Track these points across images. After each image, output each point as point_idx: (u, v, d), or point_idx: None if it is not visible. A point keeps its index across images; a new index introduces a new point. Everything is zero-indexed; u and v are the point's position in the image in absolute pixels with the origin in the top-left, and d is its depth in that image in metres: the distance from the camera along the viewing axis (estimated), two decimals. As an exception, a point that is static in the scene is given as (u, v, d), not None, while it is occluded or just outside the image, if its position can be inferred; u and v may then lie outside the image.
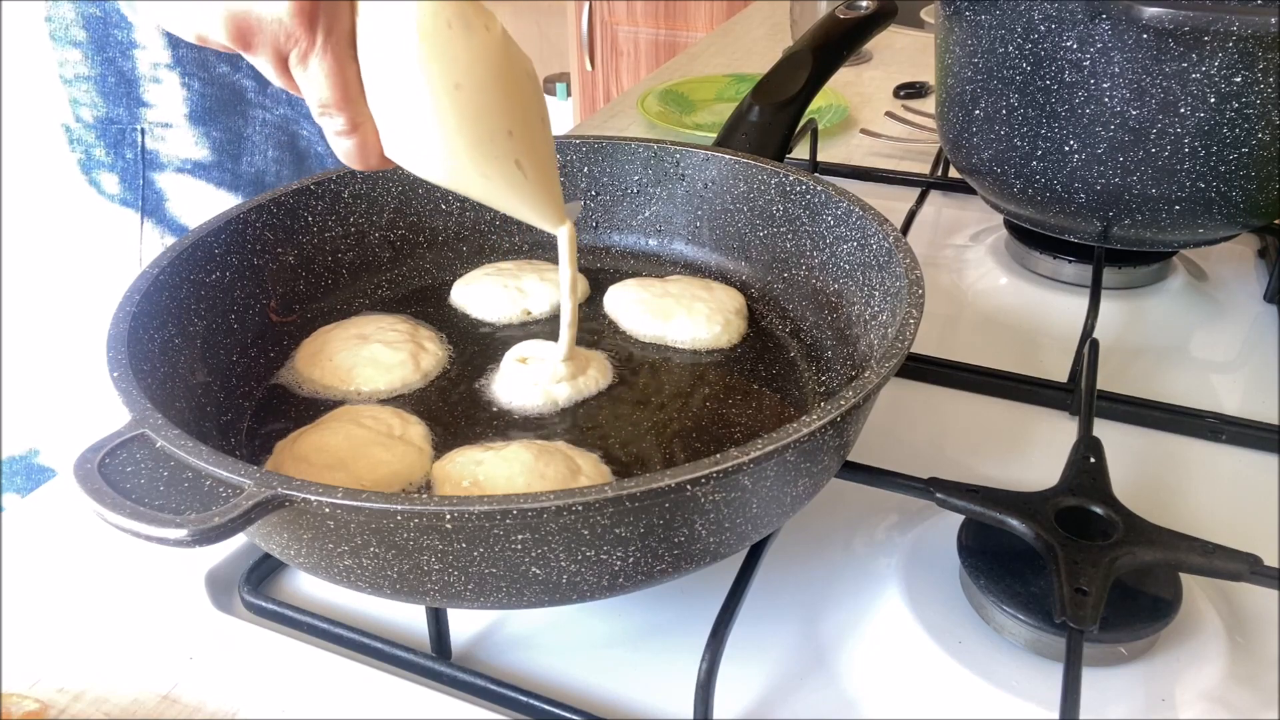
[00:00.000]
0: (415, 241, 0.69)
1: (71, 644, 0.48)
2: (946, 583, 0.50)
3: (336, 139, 0.46)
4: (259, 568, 0.51)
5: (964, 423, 0.64)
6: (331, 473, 0.48)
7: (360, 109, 0.45)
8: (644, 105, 1.14)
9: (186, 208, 0.77)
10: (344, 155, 0.47)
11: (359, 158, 0.47)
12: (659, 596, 0.51)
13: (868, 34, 0.83)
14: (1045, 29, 0.63)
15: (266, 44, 0.43)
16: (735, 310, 0.63)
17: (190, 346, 0.53)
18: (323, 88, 0.44)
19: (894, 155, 1.04)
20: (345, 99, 0.45)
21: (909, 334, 0.46)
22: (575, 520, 0.38)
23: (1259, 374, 0.68)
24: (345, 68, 0.44)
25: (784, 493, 0.43)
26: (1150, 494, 0.57)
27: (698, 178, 0.67)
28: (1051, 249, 0.78)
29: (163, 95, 0.74)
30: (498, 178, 0.46)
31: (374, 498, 0.36)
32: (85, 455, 0.38)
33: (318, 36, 0.43)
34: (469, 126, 0.44)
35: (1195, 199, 0.65)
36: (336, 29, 0.44)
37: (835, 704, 0.46)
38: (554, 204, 0.50)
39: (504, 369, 0.58)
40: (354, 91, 0.45)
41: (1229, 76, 0.59)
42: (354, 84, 0.45)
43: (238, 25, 0.43)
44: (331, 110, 0.45)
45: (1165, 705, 0.44)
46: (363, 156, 0.47)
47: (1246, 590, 0.48)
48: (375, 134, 0.46)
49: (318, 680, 0.46)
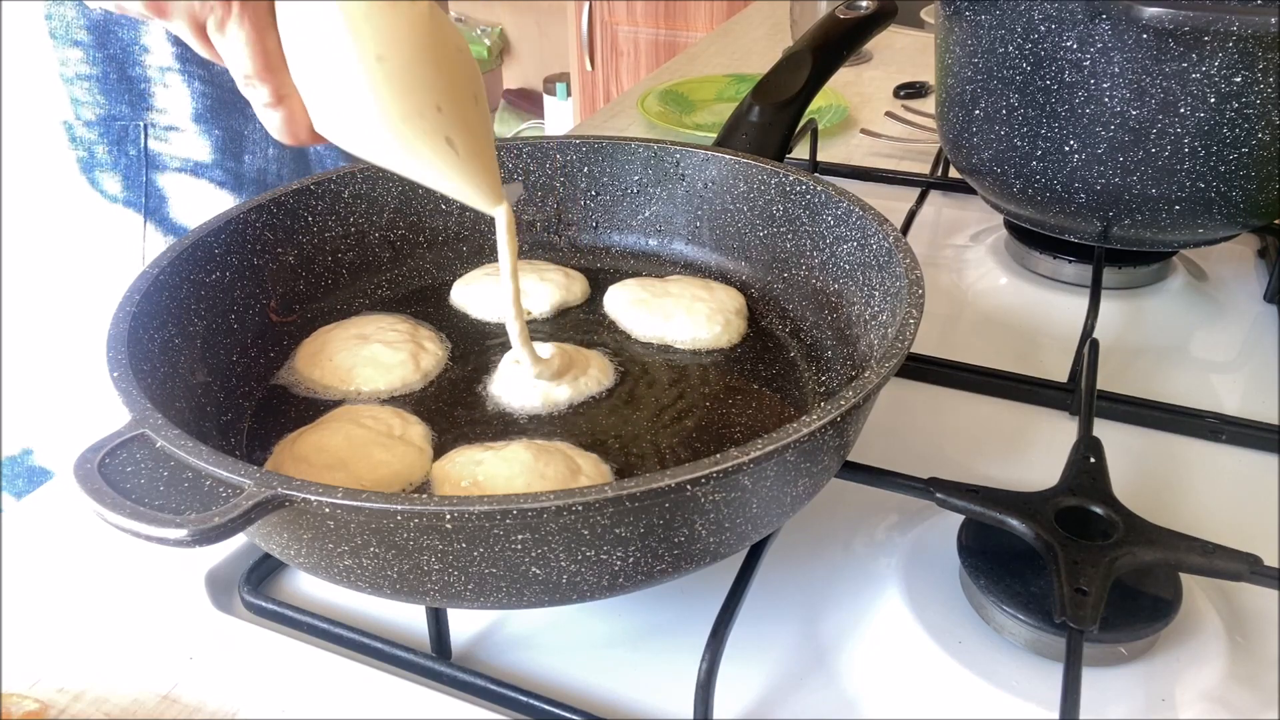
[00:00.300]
0: (415, 241, 0.69)
1: (71, 644, 0.48)
2: (946, 583, 0.50)
3: (264, 111, 0.45)
4: (259, 568, 0.51)
5: (964, 423, 0.64)
6: (331, 473, 0.48)
7: (284, 80, 0.44)
8: (644, 105, 1.14)
9: (188, 208, 0.77)
10: (273, 129, 0.46)
11: (288, 132, 0.46)
12: (659, 596, 0.51)
13: (868, 34, 0.83)
14: (1045, 29, 0.63)
15: (181, 13, 0.43)
16: (735, 310, 0.63)
17: (190, 346, 0.53)
18: (242, 57, 0.44)
19: (894, 155, 1.04)
20: (267, 68, 0.44)
21: (909, 334, 0.46)
22: (575, 520, 0.38)
23: (1259, 374, 0.68)
24: (265, 36, 0.43)
25: (784, 493, 0.43)
26: (1150, 494, 0.57)
27: (698, 178, 0.67)
28: (1051, 249, 0.78)
29: (170, 99, 0.74)
30: (428, 154, 0.45)
31: (374, 498, 0.36)
32: (85, 455, 0.38)
33: (233, 4, 0.42)
34: (394, 100, 0.43)
35: (1195, 199, 0.65)
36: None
37: (835, 704, 0.46)
38: (490, 184, 0.47)
39: (502, 370, 0.58)
40: (275, 61, 0.44)
41: (1229, 76, 0.59)
42: (275, 53, 0.44)
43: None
44: (254, 81, 0.44)
45: (1165, 705, 0.44)
46: (292, 130, 0.46)
47: (1246, 590, 0.48)
48: (302, 107, 0.45)
49: (318, 680, 0.46)
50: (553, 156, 0.69)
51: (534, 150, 0.69)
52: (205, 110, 0.75)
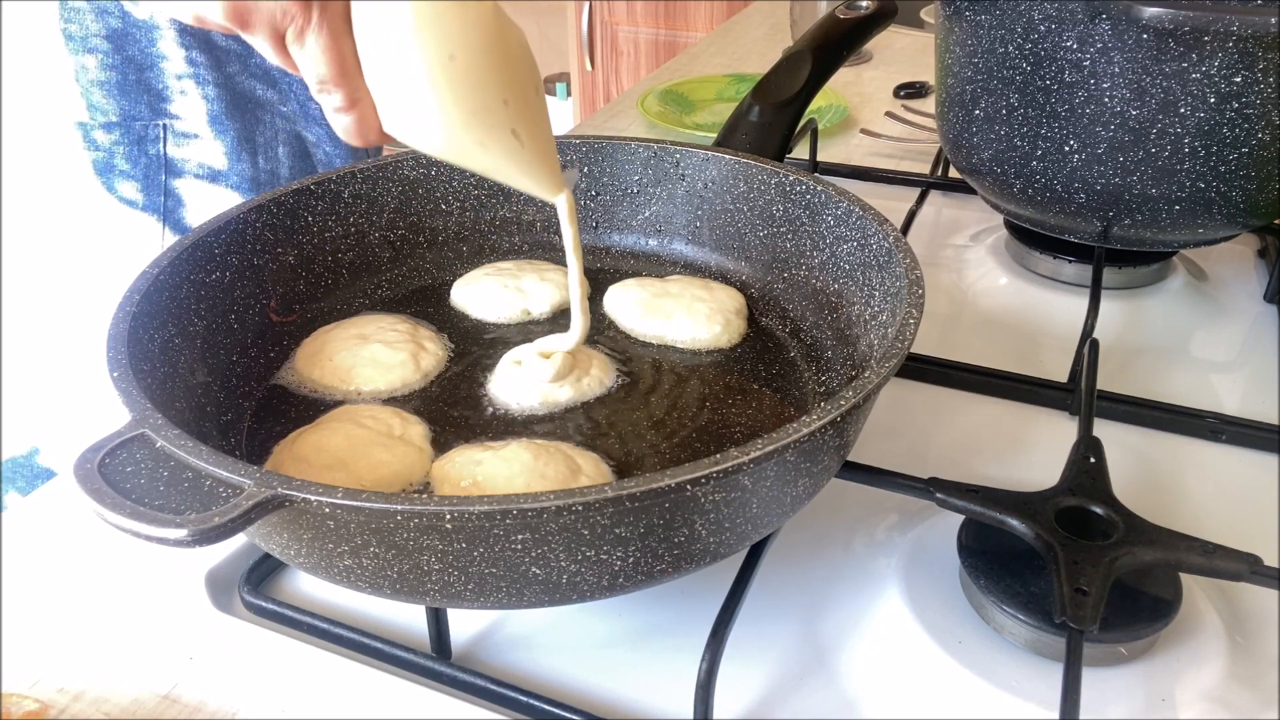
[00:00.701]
0: (415, 241, 0.69)
1: (71, 644, 0.48)
2: (946, 583, 0.50)
3: (335, 115, 0.47)
4: (259, 568, 0.51)
5: (964, 423, 0.64)
6: (331, 473, 0.48)
7: (357, 84, 0.46)
8: (644, 105, 1.14)
9: (204, 213, 0.77)
10: (343, 132, 0.48)
11: (358, 133, 0.48)
12: (659, 596, 0.51)
13: (868, 34, 0.83)
14: (1045, 29, 0.63)
15: (264, 23, 0.44)
16: (735, 310, 0.63)
17: (190, 346, 0.53)
18: (320, 64, 0.45)
19: (894, 155, 1.04)
20: (342, 74, 0.46)
21: (909, 334, 0.46)
22: (575, 520, 0.38)
23: (1259, 374, 0.68)
24: (341, 43, 0.45)
25: (784, 493, 0.43)
26: (1150, 494, 0.57)
27: (698, 178, 0.67)
28: (1051, 249, 0.78)
29: (185, 105, 0.74)
30: (495, 147, 0.47)
31: (374, 498, 0.36)
32: (85, 455, 0.38)
33: (313, 13, 0.44)
34: (465, 97, 0.45)
35: (1195, 199, 0.65)
36: (331, 5, 0.44)
37: (835, 704, 0.46)
38: (552, 172, 0.50)
39: (501, 370, 0.58)
40: (350, 67, 0.46)
41: (1229, 76, 0.59)
42: (350, 59, 0.46)
43: (235, 7, 0.44)
44: (329, 86, 0.46)
45: (1165, 705, 0.44)
46: (361, 132, 0.48)
47: (1246, 590, 0.48)
48: (373, 109, 0.47)
49: (318, 680, 0.46)
50: (553, 156, 0.69)
51: (534, 150, 0.69)
52: (219, 114, 0.75)
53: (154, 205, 0.75)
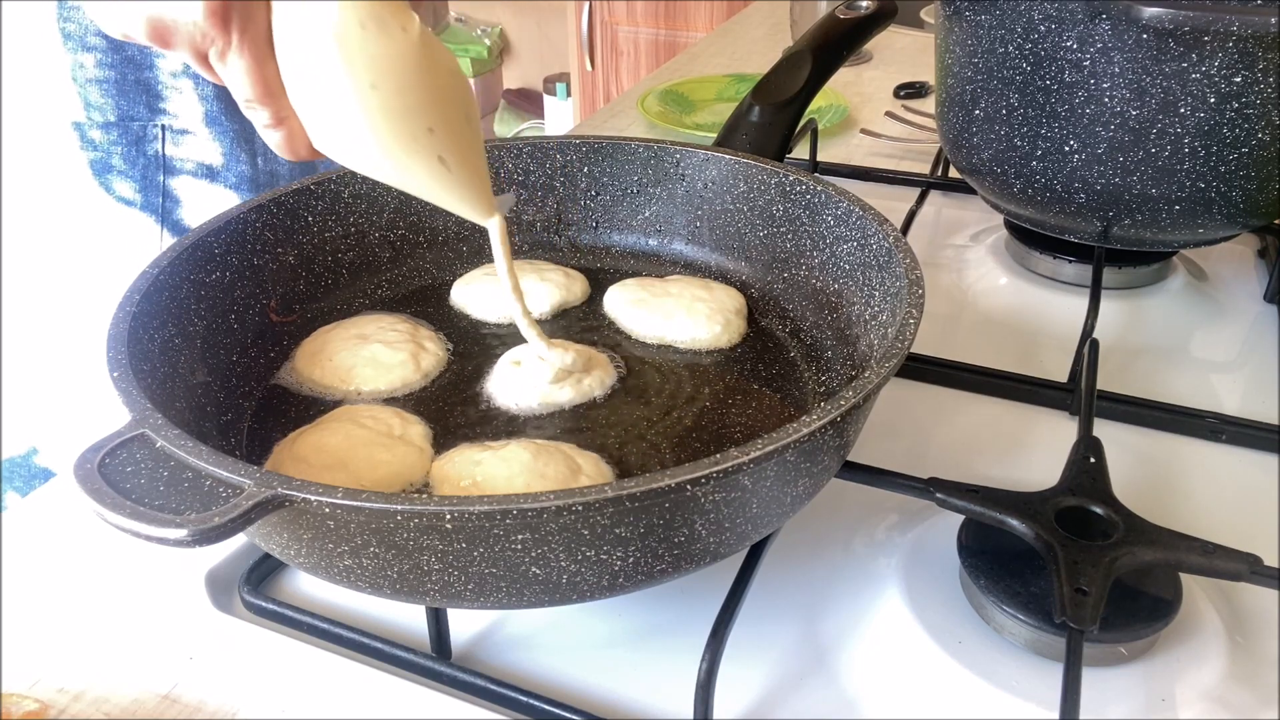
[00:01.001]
0: (415, 241, 0.69)
1: (71, 644, 0.48)
2: (946, 583, 0.50)
3: (265, 131, 0.48)
4: (259, 568, 0.51)
5: (964, 423, 0.64)
6: (331, 473, 0.48)
7: (283, 103, 0.46)
8: (644, 105, 1.14)
9: (201, 212, 0.77)
10: (275, 146, 0.48)
11: (289, 149, 0.48)
12: (659, 596, 0.51)
13: (868, 34, 0.83)
14: (1045, 29, 0.63)
15: (184, 43, 0.45)
16: (735, 310, 0.63)
17: (190, 346, 0.53)
18: (243, 85, 0.46)
19: (894, 155, 1.04)
20: (267, 94, 0.46)
21: (909, 334, 0.46)
22: (575, 520, 0.38)
23: (1259, 374, 0.68)
24: (264, 65, 0.45)
25: (784, 493, 0.43)
26: (1150, 494, 0.57)
27: (698, 178, 0.67)
28: (1051, 249, 0.78)
29: (182, 104, 0.74)
30: (421, 172, 0.47)
31: (374, 498, 0.36)
32: (85, 455, 0.38)
33: (232, 36, 0.44)
34: (387, 125, 0.45)
35: (1195, 199, 0.65)
36: (251, 28, 0.44)
37: (835, 704, 0.46)
38: (482, 197, 0.50)
39: (501, 370, 0.57)
40: (275, 87, 0.46)
41: (1229, 76, 0.59)
42: (274, 80, 0.46)
43: (155, 26, 0.44)
44: (255, 105, 0.46)
45: (1165, 705, 0.44)
46: (291, 148, 0.48)
47: (1246, 590, 0.48)
48: (301, 127, 0.47)
49: (318, 680, 0.46)
50: (553, 156, 0.69)
51: (534, 150, 0.69)
52: (217, 114, 0.75)
53: (151, 205, 0.75)
